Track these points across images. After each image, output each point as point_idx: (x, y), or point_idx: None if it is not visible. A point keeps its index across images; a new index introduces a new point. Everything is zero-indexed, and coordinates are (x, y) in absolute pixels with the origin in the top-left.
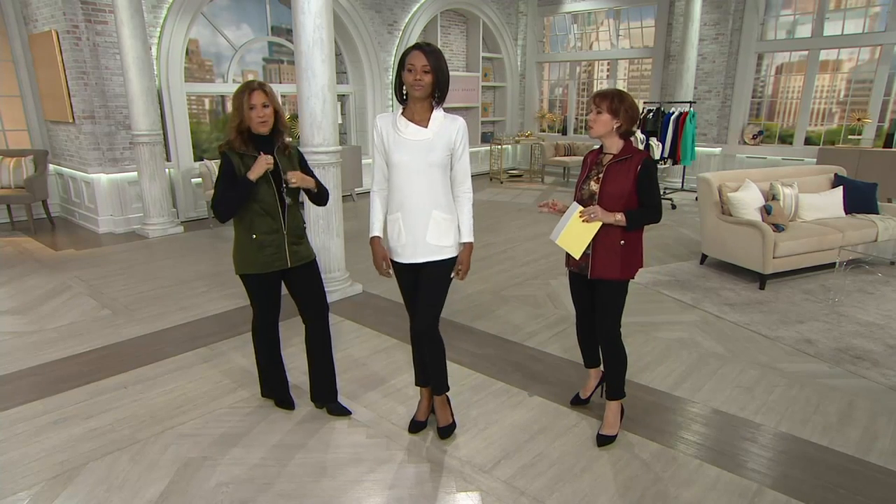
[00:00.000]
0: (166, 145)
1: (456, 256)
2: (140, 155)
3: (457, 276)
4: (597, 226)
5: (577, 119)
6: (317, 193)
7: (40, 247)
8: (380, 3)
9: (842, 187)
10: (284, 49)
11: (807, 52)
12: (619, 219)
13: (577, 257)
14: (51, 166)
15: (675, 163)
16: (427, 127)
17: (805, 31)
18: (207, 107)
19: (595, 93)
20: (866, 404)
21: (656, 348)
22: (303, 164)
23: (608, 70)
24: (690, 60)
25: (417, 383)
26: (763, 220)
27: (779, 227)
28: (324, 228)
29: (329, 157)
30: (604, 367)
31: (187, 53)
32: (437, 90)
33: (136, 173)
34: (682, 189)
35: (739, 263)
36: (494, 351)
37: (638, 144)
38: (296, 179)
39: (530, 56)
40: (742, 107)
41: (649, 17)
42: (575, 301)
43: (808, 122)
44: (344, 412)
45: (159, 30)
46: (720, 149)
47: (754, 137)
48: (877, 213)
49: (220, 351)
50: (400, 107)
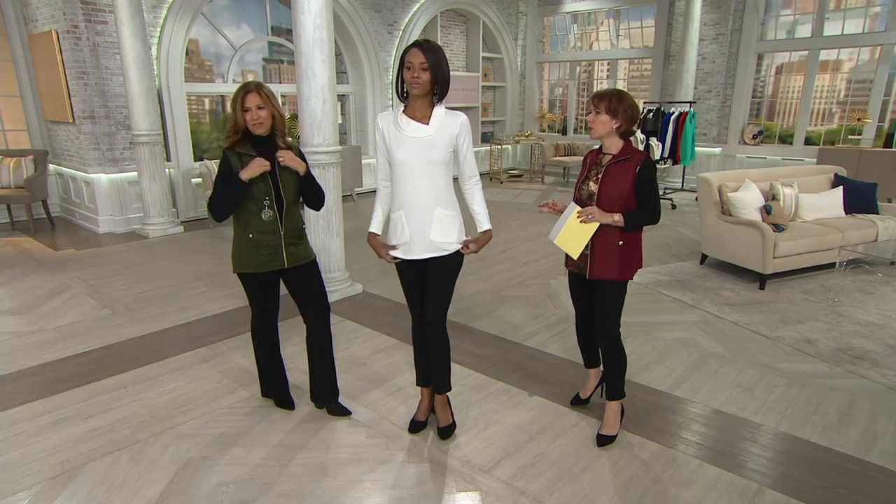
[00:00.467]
0: (166, 145)
1: (459, 252)
2: (140, 155)
3: (465, 248)
4: (594, 226)
5: (577, 119)
6: (311, 192)
7: (40, 247)
8: (380, 3)
9: (842, 187)
10: (284, 49)
11: (807, 52)
12: (617, 220)
13: (575, 257)
14: (51, 166)
15: (675, 163)
16: (429, 124)
17: (805, 31)
18: (207, 107)
19: (594, 94)
20: (866, 404)
21: (656, 348)
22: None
23: (608, 70)
24: (690, 60)
25: (418, 383)
26: (763, 220)
27: (779, 227)
28: (324, 228)
29: (329, 157)
30: (603, 367)
31: (187, 53)
32: (436, 87)
33: (136, 173)
34: (682, 189)
35: (739, 263)
36: (494, 351)
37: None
38: (285, 157)
39: (530, 56)
40: (742, 107)
41: (649, 17)
42: (574, 301)
43: (808, 122)
44: (344, 412)
45: (159, 30)
46: (720, 149)
47: (754, 137)
48: (877, 213)
49: (219, 351)
50: (401, 105)
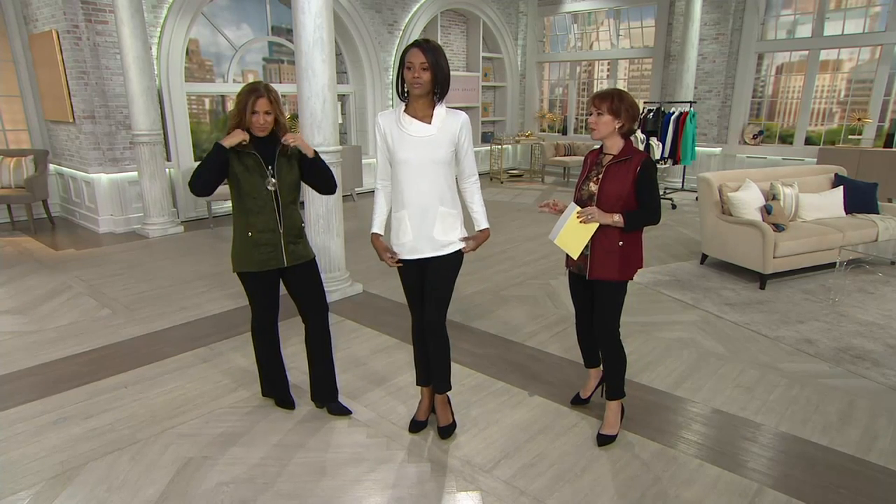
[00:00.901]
0: (166, 145)
1: (460, 251)
2: (140, 155)
3: (465, 245)
4: (594, 227)
5: (577, 119)
6: (321, 178)
7: (40, 247)
8: (380, 3)
9: (842, 187)
10: (284, 49)
11: (807, 52)
12: (617, 220)
13: (575, 257)
14: (51, 166)
15: (675, 163)
16: (431, 123)
17: (805, 31)
18: (207, 107)
19: (594, 94)
20: (866, 404)
21: (656, 348)
22: (303, 160)
23: (608, 70)
24: (690, 60)
25: (418, 383)
26: (763, 220)
27: (779, 227)
28: (324, 228)
29: (329, 156)
30: (603, 366)
31: (187, 53)
32: (437, 87)
33: (136, 173)
34: (683, 189)
35: (740, 263)
36: (494, 351)
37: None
38: (295, 139)
39: (530, 56)
40: (742, 107)
41: (649, 16)
42: (574, 301)
43: (808, 122)
44: (344, 412)
45: (159, 29)
46: (720, 149)
47: (754, 137)
48: (877, 213)
49: (219, 351)
50: (401, 104)
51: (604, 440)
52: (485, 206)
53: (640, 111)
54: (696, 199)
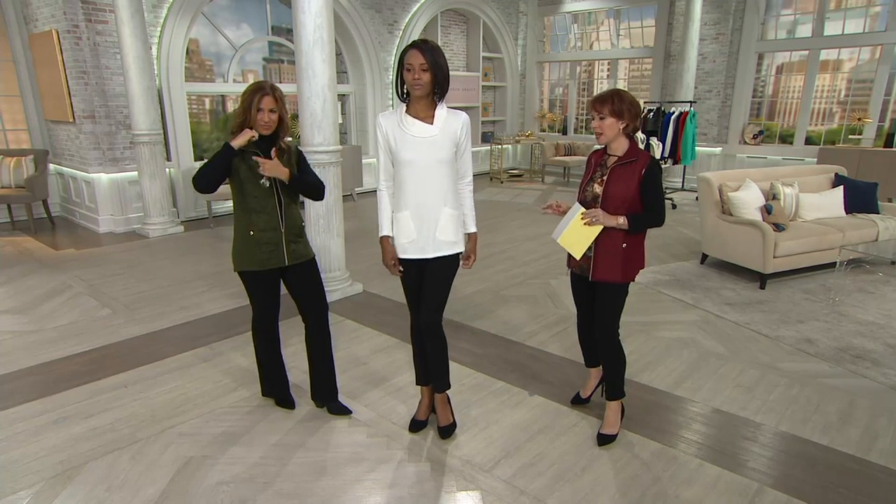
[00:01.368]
0: (166, 145)
1: (460, 252)
2: (140, 154)
3: (465, 265)
4: (598, 228)
5: (577, 119)
6: (307, 192)
7: (40, 246)
8: (380, 2)
9: (842, 187)
10: (284, 49)
11: (807, 52)
12: (622, 223)
13: (578, 258)
14: (51, 166)
15: (675, 162)
16: (433, 124)
17: (805, 30)
18: (208, 106)
19: (593, 98)
20: (867, 404)
21: (657, 348)
22: (302, 163)
23: (608, 70)
24: (691, 60)
25: (418, 382)
26: (763, 220)
27: (779, 227)
28: (324, 228)
29: (329, 156)
30: (603, 367)
31: (187, 53)
32: (437, 86)
33: (136, 173)
34: (683, 189)
35: (740, 263)
36: (494, 351)
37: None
38: (266, 168)
39: (530, 56)
40: (742, 106)
41: (649, 16)
42: (576, 301)
43: (808, 121)
44: (344, 411)
45: (159, 29)
46: (720, 148)
47: (755, 137)
48: (877, 213)
49: (219, 350)
50: (401, 105)
51: (604, 440)
52: (474, 211)
53: (641, 108)
54: (696, 198)
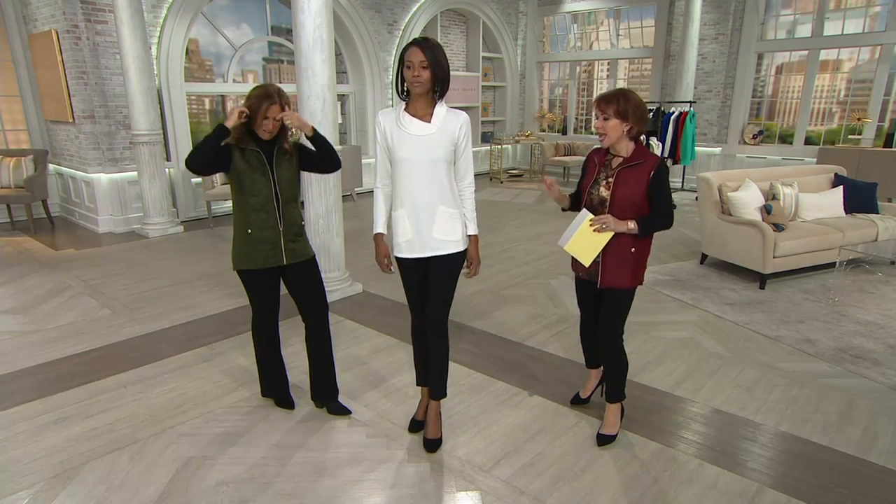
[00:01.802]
0: (166, 145)
1: (464, 250)
2: (140, 155)
3: (469, 273)
4: (609, 235)
5: (577, 119)
6: (323, 156)
7: (40, 246)
8: (380, 2)
9: (842, 187)
10: (284, 49)
11: (807, 52)
12: (632, 228)
13: (587, 265)
14: (51, 166)
15: (675, 163)
16: (431, 122)
17: (805, 30)
18: (207, 106)
19: (598, 97)
20: (866, 404)
21: (656, 348)
22: (303, 154)
23: (608, 70)
24: (690, 60)
25: (418, 383)
26: (763, 220)
27: (779, 227)
28: (324, 228)
29: None
30: (604, 370)
31: (187, 53)
32: (437, 85)
33: (135, 173)
34: (682, 189)
35: (739, 263)
36: (494, 351)
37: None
38: (288, 118)
39: (530, 56)
40: (742, 107)
41: (649, 16)
42: (581, 306)
43: (808, 121)
44: (344, 411)
45: (159, 29)
46: (720, 148)
47: (754, 137)
48: (877, 213)
49: (219, 350)
50: (401, 103)
51: (604, 440)
52: (475, 212)
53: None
54: (696, 198)
